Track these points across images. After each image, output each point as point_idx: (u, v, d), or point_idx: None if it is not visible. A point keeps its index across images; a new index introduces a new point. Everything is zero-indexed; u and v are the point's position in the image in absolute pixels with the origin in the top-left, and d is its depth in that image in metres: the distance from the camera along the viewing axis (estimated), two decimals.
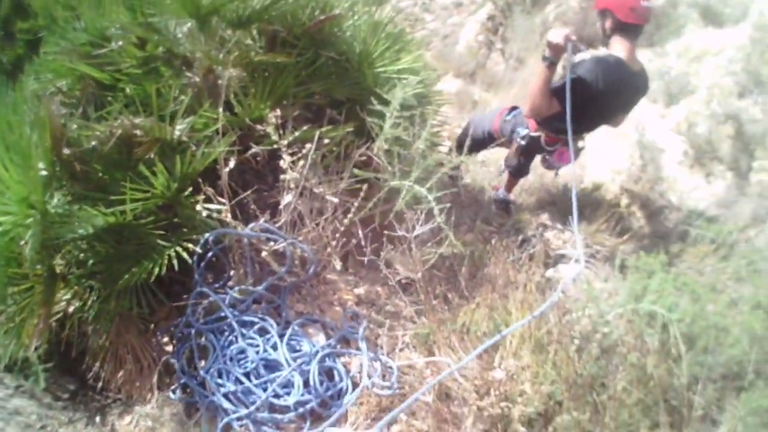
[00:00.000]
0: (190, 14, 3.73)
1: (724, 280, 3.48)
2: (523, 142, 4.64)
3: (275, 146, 3.40)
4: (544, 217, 5.12)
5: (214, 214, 3.36)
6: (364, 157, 3.56)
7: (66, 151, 3.36)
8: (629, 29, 4.32)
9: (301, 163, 3.32)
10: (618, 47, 4.34)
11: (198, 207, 3.33)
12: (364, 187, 3.47)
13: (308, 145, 3.33)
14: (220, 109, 3.43)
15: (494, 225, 4.72)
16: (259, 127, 3.53)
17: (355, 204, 3.44)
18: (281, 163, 3.34)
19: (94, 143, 3.42)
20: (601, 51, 4.55)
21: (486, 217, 4.66)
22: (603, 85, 4.18)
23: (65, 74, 4.06)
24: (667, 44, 7.26)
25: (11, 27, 9.51)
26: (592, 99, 4.19)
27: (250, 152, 3.55)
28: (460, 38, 7.80)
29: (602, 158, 6.05)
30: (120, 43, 3.95)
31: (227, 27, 3.82)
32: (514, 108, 4.82)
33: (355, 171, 3.47)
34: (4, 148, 3.20)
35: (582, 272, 4.37)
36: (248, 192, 3.47)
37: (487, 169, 5.56)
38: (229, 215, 3.33)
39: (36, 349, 3.38)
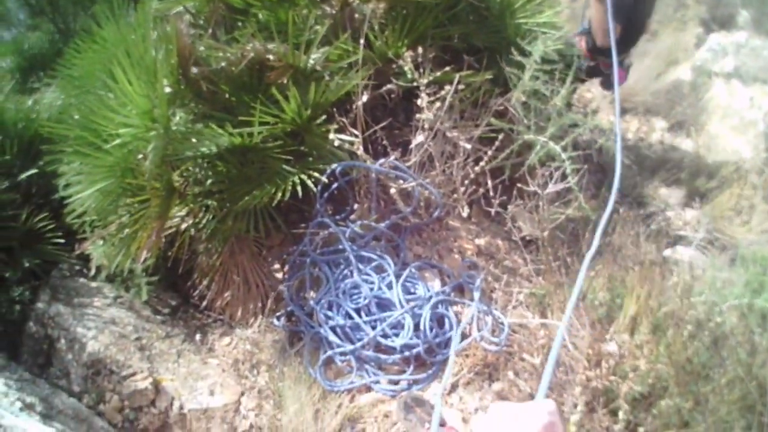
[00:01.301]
0: None
1: None
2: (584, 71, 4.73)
3: (412, 84, 3.32)
4: (665, 193, 4.95)
5: (345, 145, 3.31)
6: (501, 107, 3.45)
7: (194, 69, 3.36)
8: None
9: (438, 104, 3.23)
10: None
11: (331, 136, 3.30)
12: (499, 137, 3.37)
13: (447, 87, 3.23)
14: (362, 41, 3.36)
15: (618, 195, 4.59)
16: (395, 64, 3.45)
17: (488, 153, 3.35)
18: (418, 102, 3.27)
19: (223, 64, 3.40)
20: None
21: (611, 187, 4.54)
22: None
23: None
24: None
25: None
26: (630, 13, 4.42)
27: (385, 88, 3.48)
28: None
29: (728, 143, 5.81)
30: None
31: None
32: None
33: (492, 120, 3.37)
34: (129, 63, 3.20)
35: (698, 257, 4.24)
36: (381, 126, 3.41)
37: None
38: (360, 148, 3.28)
39: (143, 261, 3.42)
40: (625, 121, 5.78)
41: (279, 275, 3.60)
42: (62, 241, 3.86)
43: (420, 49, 3.40)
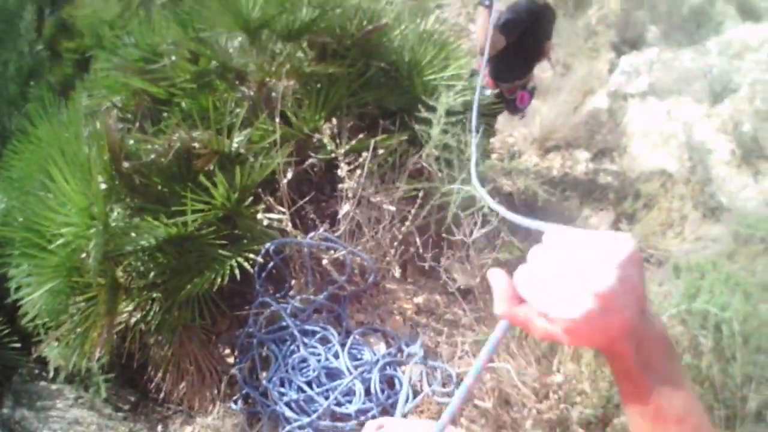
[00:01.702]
0: (241, 28, 3.81)
1: None
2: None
3: (332, 156, 3.43)
4: (595, 222, 5.10)
5: (275, 224, 3.39)
6: (418, 165, 3.58)
7: (125, 164, 3.43)
8: None
9: (358, 172, 3.34)
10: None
11: (259, 216, 3.38)
12: (419, 194, 3.48)
13: (364, 154, 3.35)
14: (277, 120, 3.47)
15: None
16: (315, 137, 3.56)
17: (412, 212, 3.45)
18: (338, 172, 3.37)
19: (152, 156, 3.48)
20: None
21: (543, 221, 4.64)
22: (527, 17, 4.88)
23: (119, 90, 4.14)
24: (708, 42, 7.21)
25: (57, 47, 9.74)
26: (524, 33, 4.84)
27: (307, 162, 3.59)
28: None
29: (652, 161, 6.01)
30: (173, 58, 4.02)
31: (278, 40, 3.88)
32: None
33: (409, 180, 3.49)
34: (63, 162, 3.27)
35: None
36: (307, 201, 3.50)
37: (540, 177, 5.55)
38: (289, 224, 3.36)
39: (98, 359, 3.43)
40: (548, 159, 5.96)
41: (230, 359, 3.64)
42: (18, 345, 3.87)
43: (336, 120, 3.52)
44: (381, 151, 3.48)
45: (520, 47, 4.90)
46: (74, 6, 10.07)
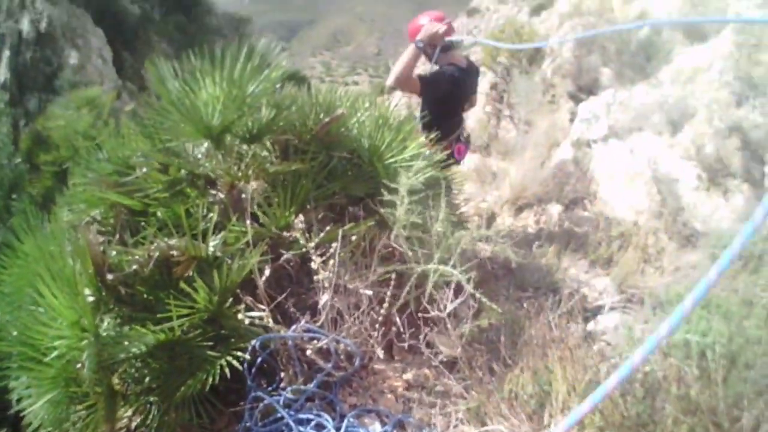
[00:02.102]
0: (204, 135, 3.97)
1: (757, 292, 3.55)
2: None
3: (304, 250, 3.57)
4: (574, 272, 5.21)
5: (257, 321, 3.50)
6: (389, 248, 3.72)
7: (109, 276, 3.52)
8: (444, 46, 5.75)
9: (331, 262, 3.47)
10: (445, 60, 5.81)
11: (240, 316, 3.48)
12: (392, 275, 3.61)
13: (334, 244, 3.48)
14: (248, 222, 3.62)
15: (530, 290, 4.82)
16: (287, 233, 3.70)
17: (388, 293, 3.58)
18: (312, 264, 3.50)
19: (134, 267, 3.58)
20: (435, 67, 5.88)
21: (520, 284, 4.76)
22: (454, 81, 5.51)
23: (97, 203, 4.27)
24: (660, 73, 7.41)
25: (35, 159, 10.00)
26: (448, 93, 5.49)
27: (282, 259, 3.71)
28: (469, 113, 8.08)
29: (622, 201, 6.15)
30: (144, 170, 4.18)
31: (241, 143, 4.05)
32: None
33: (381, 264, 3.63)
34: (50, 277, 3.37)
35: (620, 319, 4.46)
36: (286, 296, 3.62)
37: (515, 237, 5.69)
38: (270, 320, 3.47)
39: None
40: (522, 218, 6.10)
41: None
42: None
43: (306, 214, 3.67)
44: (354, 238, 3.62)
45: (449, 106, 5.48)
46: (47, 117, 10.35)
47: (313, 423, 3.48)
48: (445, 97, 5.54)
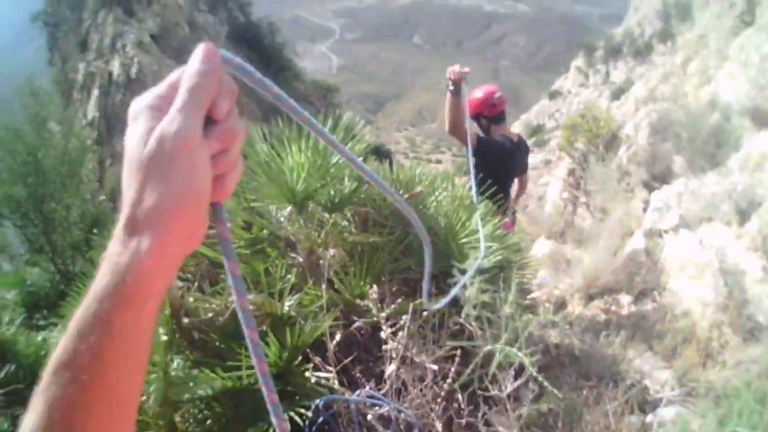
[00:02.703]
0: (288, 199, 4.18)
1: None
2: None
3: (376, 320, 3.71)
4: (639, 363, 5.21)
5: (323, 381, 3.64)
6: (458, 325, 3.83)
7: (185, 320, 3.74)
8: (498, 117, 6.58)
9: (401, 333, 3.61)
10: (497, 131, 6.56)
11: (307, 374, 3.63)
12: (458, 352, 3.72)
13: (405, 317, 3.62)
14: (324, 287, 3.79)
15: (594, 379, 4.85)
16: (360, 302, 3.86)
17: (453, 369, 3.68)
18: (382, 334, 3.64)
19: (210, 315, 3.78)
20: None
21: (585, 372, 4.79)
22: (510, 151, 6.08)
23: None
24: (729, 160, 7.37)
25: (120, 199, 10.43)
26: (497, 159, 5.92)
27: (354, 326, 3.87)
28: (548, 197, 8.23)
29: (690, 293, 6.13)
30: (229, 225, 4.40)
31: (323, 210, 4.25)
32: None
33: (449, 342, 3.74)
34: None
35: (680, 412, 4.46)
36: (353, 362, 3.76)
37: (579, 327, 5.73)
38: (336, 383, 3.61)
39: None
40: (592, 307, 6.13)
41: None
42: None
43: (380, 286, 3.82)
44: (425, 313, 3.76)
45: (497, 176, 5.68)
46: None
47: None
48: (493, 162, 5.93)
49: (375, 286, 3.80)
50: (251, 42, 52.17)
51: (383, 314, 3.66)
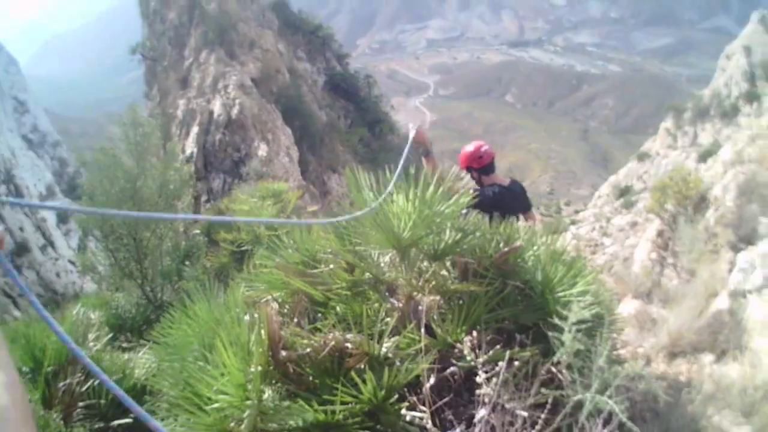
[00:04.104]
0: (393, 246, 4.42)
1: None
2: None
3: (471, 365, 3.89)
4: (718, 419, 5.23)
5: (416, 421, 3.80)
6: (549, 375, 3.97)
7: (282, 353, 3.97)
8: (487, 168, 7.30)
9: (494, 380, 3.77)
10: (488, 181, 7.36)
11: (403, 412, 3.79)
12: (549, 400, 3.85)
13: (501, 364, 3.79)
14: (422, 331, 4.00)
15: None
16: (456, 348, 4.04)
17: (542, 416, 3.81)
18: (477, 379, 3.81)
19: (308, 350, 4.00)
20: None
21: (665, 428, 4.84)
22: (499, 196, 6.90)
23: (279, 286, 4.77)
24: None
25: (214, 235, 10.87)
26: (491, 204, 6.28)
27: (448, 370, 4.05)
28: (635, 258, 8.32)
29: None
30: (331, 266, 4.66)
31: (425, 258, 4.47)
32: None
33: (542, 390, 3.87)
34: (227, 339, 3.81)
35: None
36: (446, 405, 3.91)
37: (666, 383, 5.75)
38: (429, 422, 3.78)
39: None
40: (676, 366, 6.16)
41: None
42: None
43: (475, 333, 4.01)
44: (516, 363, 3.92)
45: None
46: (232, 200, 11.29)
47: None
48: (490, 208, 6.18)
49: (473, 333, 3.99)
50: (348, 92, 53.36)
51: (480, 360, 3.84)
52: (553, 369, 3.99)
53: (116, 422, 4.58)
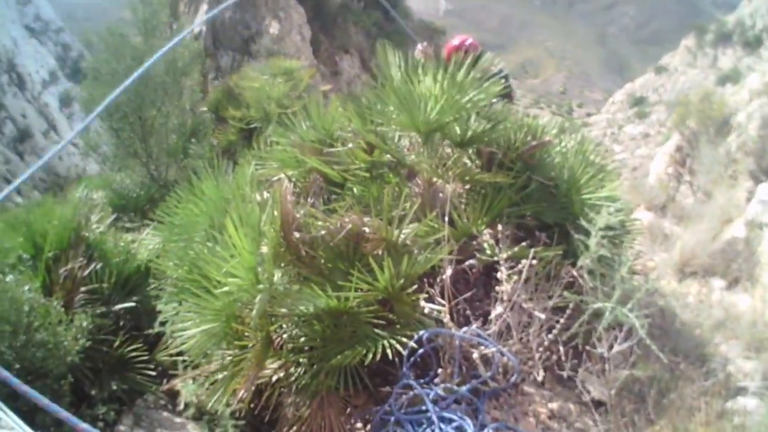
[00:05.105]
0: (417, 128, 4.16)
1: None
2: None
3: (491, 260, 3.71)
4: (725, 349, 5.14)
5: (434, 314, 3.65)
6: (571, 278, 3.81)
7: (296, 234, 3.77)
8: None
9: (515, 278, 3.61)
10: None
11: (422, 303, 3.64)
12: (570, 305, 3.70)
13: (524, 262, 3.61)
14: (445, 220, 3.80)
15: (680, 356, 4.79)
16: (475, 241, 3.86)
17: (560, 322, 3.67)
18: (498, 275, 3.64)
19: (323, 232, 3.80)
20: None
21: (673, 348, 4.74)
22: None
23: (293, 165, 4.57)
24: None
25: (222, 112, 10.51)
26: None
27: (467, 263, 3.88)
28: (651, 170, 8.07)
29: None
30: (350, 145, 4.43)
31: (449, 145, 4.23)
32: None
33: (565, 294, 3.72)
34: (238, 219, 3.61)
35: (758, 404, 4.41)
36: (465, 297, 3.77)
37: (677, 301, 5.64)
38: (447, 316, 3.63)
39: (234, 404, 3.71)
40: (686, 285, 6.04)
41: None
42: (153, 373, 4.23)
43: (498, 227, 3.83)
44: (535, 262, 3.74)
45: None
46: (241, 77, 10.88)
47: (454, 424, 3.55)
48: None
49: (497, 227, 3.80)
50: None
51: (504, 255, 3.66)
52: (575, 273, 3.83)
53: (118, 306, 4.44)
